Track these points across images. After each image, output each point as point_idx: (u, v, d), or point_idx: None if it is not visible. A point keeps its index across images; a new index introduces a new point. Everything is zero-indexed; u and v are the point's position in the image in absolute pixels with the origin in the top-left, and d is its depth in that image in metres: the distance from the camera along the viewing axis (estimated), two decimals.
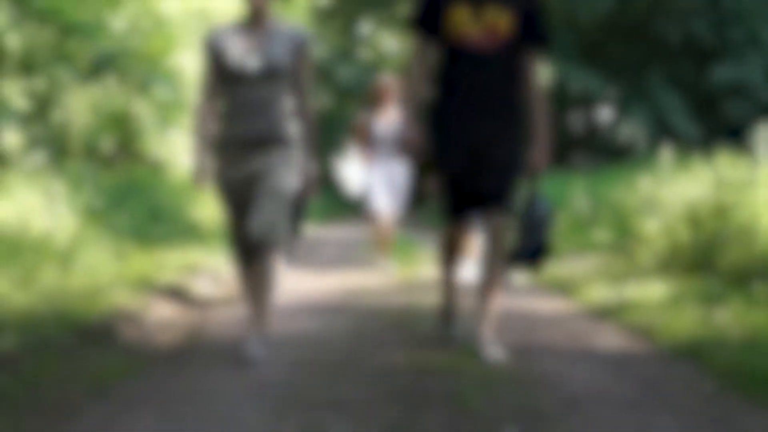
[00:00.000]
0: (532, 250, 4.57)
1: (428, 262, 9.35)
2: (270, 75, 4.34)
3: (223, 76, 4.40)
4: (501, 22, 4.41)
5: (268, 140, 4.39)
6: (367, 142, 8.69)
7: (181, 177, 12.05)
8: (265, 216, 4.30)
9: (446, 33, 4.45)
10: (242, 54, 4.34)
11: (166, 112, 11.97)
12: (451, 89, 4.52)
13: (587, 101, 23.51)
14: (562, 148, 23.15)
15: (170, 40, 12.06)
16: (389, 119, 8.61)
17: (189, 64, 12.06)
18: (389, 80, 8.85)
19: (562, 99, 21.86)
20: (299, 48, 4.44)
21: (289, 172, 4.42)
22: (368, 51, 27.82)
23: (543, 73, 4.39)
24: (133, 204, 9.05)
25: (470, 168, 4.48)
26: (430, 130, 4.57)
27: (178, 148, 12.10)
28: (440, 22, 4.46)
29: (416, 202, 9.92)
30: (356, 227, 16.36)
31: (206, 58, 4.47)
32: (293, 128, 4.48)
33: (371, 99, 8.85)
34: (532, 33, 4.50)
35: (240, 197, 4.45)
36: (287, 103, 4.45)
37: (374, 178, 8.71)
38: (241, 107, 4.37)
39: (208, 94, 4.48)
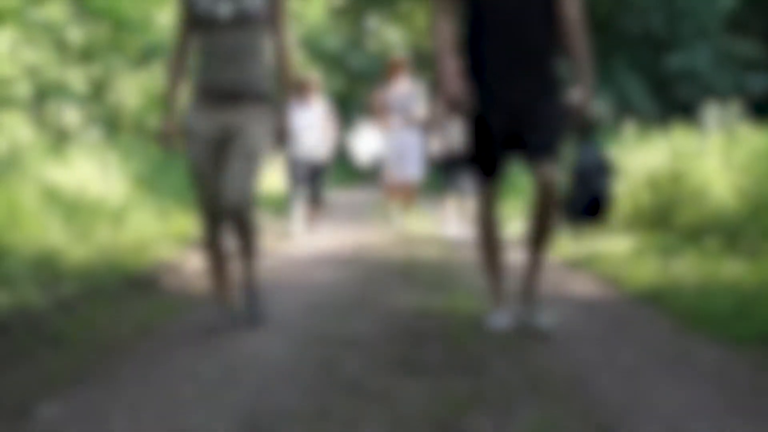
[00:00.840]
0: (584, 203, 3.70)
1: (426, 221, 9.28)
2: (242, 21, 3.56)
3: (194, 23, 3.61)
4: None
5: (241, 94, 3.59)
6: (383, 112, 8.27)
7: None
8: (238, 182, 3.51)
9: None
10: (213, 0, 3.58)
11: None
12: (485, 37, 3.51)
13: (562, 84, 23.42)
14: None
15: None
16: (401, 91, 8.23)
17: None
18: (400, 57, 8.51)
19: None
20: None
21: (262, 132, 3.62)
22: (375, 42, 27.62)
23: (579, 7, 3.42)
24: (174, 171, 8.98)
25: (514, 122, 3.49)
26: (467, 84, 3.53)
27: None
28: None
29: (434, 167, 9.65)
30: (365, 193, 16.27)
31: (178, 5, 3.70)
32: (268, 80, 3.68)
33: (385, 74, 8.44)
34: None
35: (209, 152, 3.60)
36: (263, 53, 3.65)
37: (391, 145, 8.29)
38: (213, 57, 3.58)
39: (179, 47, 3.69)
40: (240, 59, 3.57)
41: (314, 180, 8.41)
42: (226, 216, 3.56)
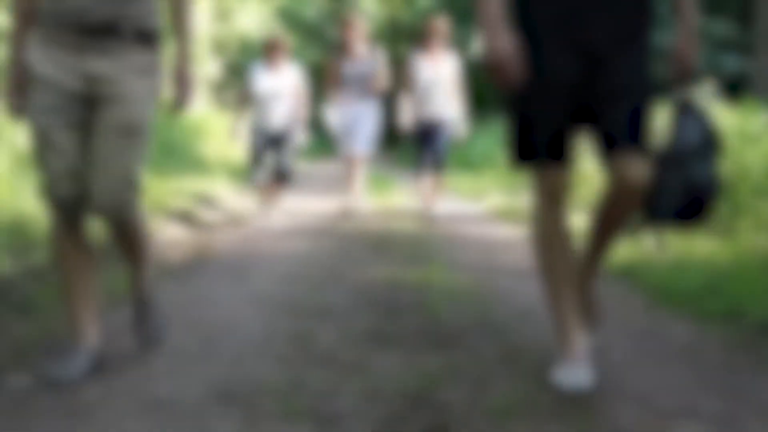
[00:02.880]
0: (682, 202, 2.42)
1: (400, 195, 9.27)
2: None
3: None
4: None
5: (116, 29, 2.44)
6: (337, 83, 7.59)
7: (193, 119, 11.83)
8: (114, 171, 2.46)
9: None
10: None
11: None
12: None
13: None
14: None
15: None
16: (357, 60, 7.57)
17: (200, 22, 11.75)
18: (355, 21, 7.68)
19: None
20: None
21: (147, 92, 2.51)
22: (353, 12, 27.49)
23: None
24: (150, 141, 8.89)
25: (584, 79, 2.37)
26: (518, 35, 2.41)
27: None
28: None
29: (390, 141, 9.40)
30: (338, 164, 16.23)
31: None
32: (153, 14, 2.53)
33: (340, 39, 7.74)
34: None
35: (62, 111, 2.44)
36: None
37: (341, 118, 7.60)
38: None
39: None
40: None
41: (279, 151, 7.58)
42: (97, 215, 2.53)
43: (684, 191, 2.43)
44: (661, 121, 2.51)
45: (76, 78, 2.44)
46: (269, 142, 7.50)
